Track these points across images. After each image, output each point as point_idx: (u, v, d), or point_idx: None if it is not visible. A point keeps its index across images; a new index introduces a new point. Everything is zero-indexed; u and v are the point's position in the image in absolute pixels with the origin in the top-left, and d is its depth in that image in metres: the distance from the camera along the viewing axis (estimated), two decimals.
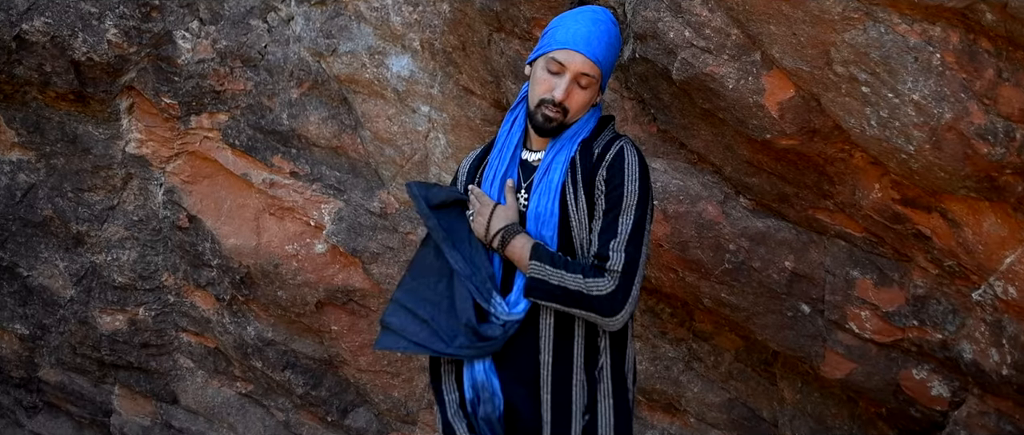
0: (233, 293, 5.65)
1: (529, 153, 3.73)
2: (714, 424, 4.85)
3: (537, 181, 3.63)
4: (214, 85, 5.42)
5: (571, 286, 3.43)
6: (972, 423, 4.14)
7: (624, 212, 3.51)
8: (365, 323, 5.47)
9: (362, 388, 5.58)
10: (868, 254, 4.14)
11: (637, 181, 3.55)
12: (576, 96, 3.59)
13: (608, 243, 3.47)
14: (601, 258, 3.46)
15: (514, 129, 3.76)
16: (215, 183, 5.64)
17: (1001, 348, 3.93)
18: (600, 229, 3.51)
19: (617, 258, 3.45)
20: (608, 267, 3.44)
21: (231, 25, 5.37)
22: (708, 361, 4.80)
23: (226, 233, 5.59)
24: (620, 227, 3.49)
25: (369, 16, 5.09)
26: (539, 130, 3.64)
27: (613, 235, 3.48)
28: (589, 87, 3.60)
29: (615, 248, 3.46)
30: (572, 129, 3.66)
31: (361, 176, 5.34)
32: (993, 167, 3.56)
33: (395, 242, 5.30)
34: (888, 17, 3.53)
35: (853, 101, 3.69)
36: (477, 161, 3.88)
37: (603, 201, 3.54)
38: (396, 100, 5.12)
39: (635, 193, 3.54)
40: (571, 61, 3.56)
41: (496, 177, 3.71)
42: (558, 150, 3.64)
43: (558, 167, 3.61)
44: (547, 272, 3.44)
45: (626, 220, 3.51)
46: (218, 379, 5.97)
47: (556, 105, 3.56)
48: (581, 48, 3.57)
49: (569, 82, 3.56)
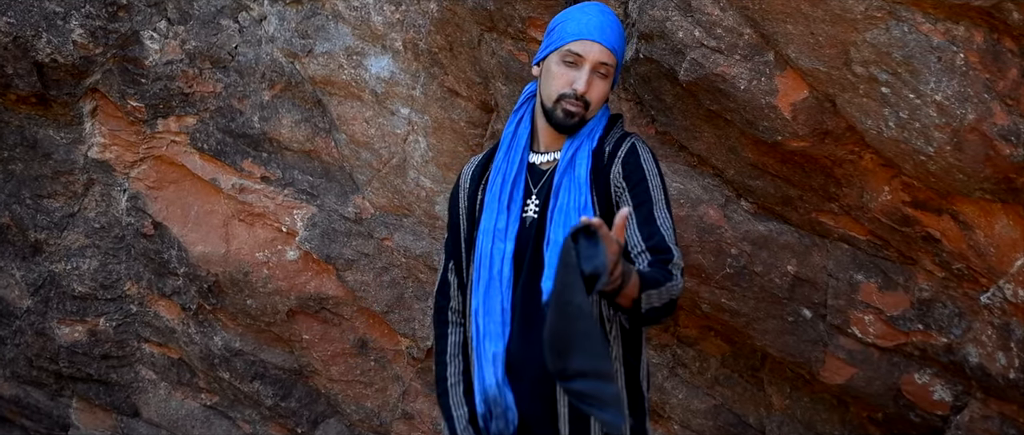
0: (200, 302, 5.46)
1: (537, 156, 3.64)
2: (699, 431, 4.77)
3: (561, 176, 3.51)
4: (182, 87, 5.23)
5: (667, 299, 3.32)
6: (974, 427, 4.09)
7: (656, 205, 3.46)
8: (337, 332, 5.33)
9: (333, 398, 5.43)
10: (872, 257, 4.07)
11: (657, 175, 3.52)
12: (596, 87, 3.52)
13: (660, 236, 3.39)
14: (660, 250, 3.36)
15: (520, 131, 3.66)
16: (182, 189, 5.45)
17: (1009, 351, 3.88)
18: (639, 222, 3.43)
19: (677, 253, 3.38)
20: (674, 262, 3.35)
21: (201, 25, 5.19)
22: (693, 367, 4.71)
23: (193, 240, 5.41)
24: (661, 221, 3.43)
25: (348, 16, 4.95)
26: (559, 127, 3.55)
27: (659, 229, 3.41)
28: (606, 77, 3.54)
29: (671, 242, 3.39)
30: (588, 125, 3.57)
31: (335, 181, 5.19)
32: (1013, 168, 3.52)
33: (370, 248, 5.16)
34: (912, 16, 3.47)
35: (871, 102, 3.62)
36: (480, 167, 3.78)
37: (629, 196, 3.46)
38: (374, 102, 4.98)
39: (660, 187, 3.50)
40: (589, 51, 3.49)
41: (505, 182, 3.60)
42: (578, 146, 3.53)
43: (583, 161, 3.52)
44: (653, 300, 3.28)
45: (661, 212, 3.46)
46: (182, 391, 5.77)
47: (577, 98, 3.48)
48: (597, 37, 3.50)
49: (589, 73, 3.49)
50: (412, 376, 5.28)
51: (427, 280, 5.10)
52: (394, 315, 5.16)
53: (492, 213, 3.58)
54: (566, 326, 2.95)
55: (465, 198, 3.76)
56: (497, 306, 3.51)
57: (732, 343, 4.60)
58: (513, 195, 3.58)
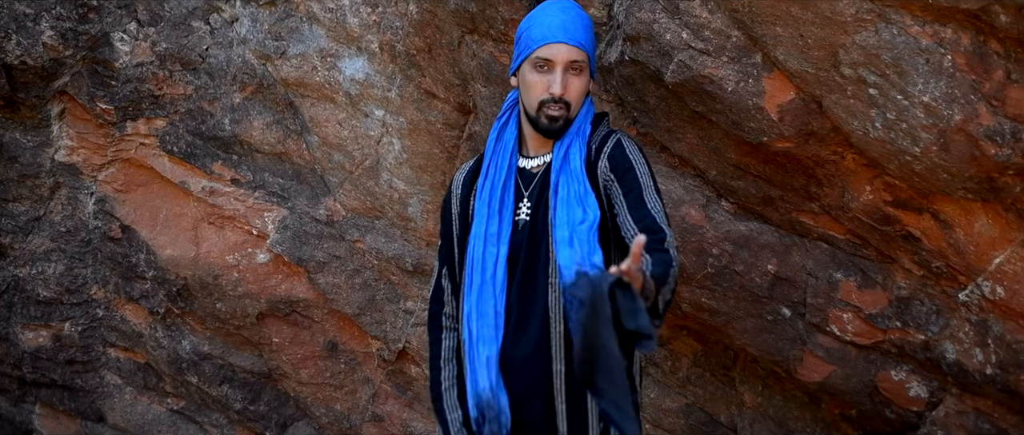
0: (168, 306, 5.40)
1: (526, 160, 3.64)
2: (671, 430, 4.79)
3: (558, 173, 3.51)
4: (152, 89, 5.16)
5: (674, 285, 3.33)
6: (949, 423, 4.15)
7: (646, 191, 3.47)
8: (307, 335, 5.29)
9: (302, 402, 5.38)
10: (851, 256, 4.11)
11: (644, 164, 3.53)
12: (573, 86, 3.53)
13: (653, 219, 3.39)
14: (655, 232, 3.35)
15: (506, 136, 3.68)
16: (150, 192, 5.38)
17: (986, 348, 3.94)
18: (629, 207, 3.44)
19: (669, 233, 3.38)
20: (668, 242, 3.35)
21: (171, 27, 5.12)
22: (664, 366, 4.73)
23: (162, 243, 5.34)
24: (651, 205, 3.44)
25: (323, 17, 4.91)
26: (546, 133, 3.56)
27: (649, 211, 3.41)
28: (581, 73, 3.54)
29: (662, 224, 3.39)
30: (575, 124, 3.59)
31: (306, 183, 5.15)
32: (997, 168, 3.57)
33: (342, 250, 5.13)
34: (901, 19, 3.51)
35: (858, 103, 3.66)
36: (471, 174, 3.78)
37: (618, 186, 3.48)
38: (347, 104, 4.95)
39: (648, 175, 3.51)
40: (558, 53, 3.50)
41: (495, 187, 3.61)
42: (570, 143, 3.56)
43: (576, 154, 3.54)
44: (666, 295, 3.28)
45: (652, 198, 3.46)
46: (148, 395, 5.69)
47: (557, 101, 3.49)
48: (562, 37, 3.51)
49: (562, 74, 3.50)
50: (382, 378, 5.25)
51: (399, 282, 5.08)
52: (366, 317, 5.13)
53: (483, 217, 3.58)
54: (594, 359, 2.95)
55: (457, 204, 3.75)
56: (490, 309, 3.50)
57: (704, 342, 4.62)
58: (504, 199, 3.57)
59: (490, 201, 3.58)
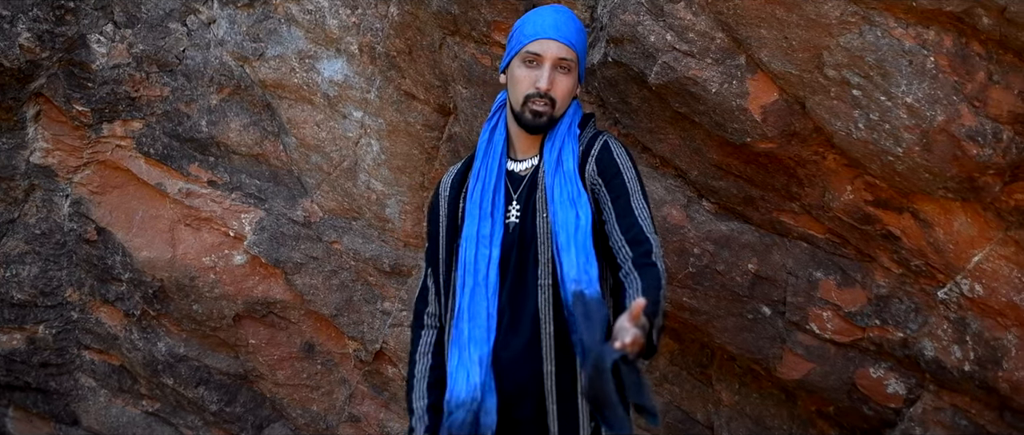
0: (144, 308, 5.36)
1: (515, 163, 3.65)
2: (648, 428, 4.78)
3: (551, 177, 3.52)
4: (129, 91, 5.12)
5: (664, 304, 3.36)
6: (927, 419, 4.19)
7: (633, 196, 3.49)
8: (284, 336, 5.26)
9: (278, 403, 5.36)
10: (831, 255, 4.15)
11: (631, 168, 3.55)
12: (560, 83, 3.54)
13: (638, 228, 3.42)
14: (639, 242, 3.40)
15: (495, 138, 3.68)
16: (126, 194, 5.34)
17: (964, 345, 3.99)
18: (617, 216, 3.46)
19: (655, 242, 3.41)
20: (654, 252, 3.38)
21: (148, 28, 5.09)
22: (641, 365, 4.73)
23: (138, 245, 5.30)
24: (639, 213, 3.46)
25: (301, 19, 4.89)
26: (529, 128, 3.57)
27: (636, 220, 3.44)
28: (570, 72, 3.56)
29: (649, 231, 3.42)
30: (563, 123, 3.60)
31: (283, 184, 5.12)
32: (978, 168, 3.62)
33: (319, 251, 5.11)
34: (884, 21, 3.56)
35: (841, 104, 3.70)
36: (459, 177, 3.77)
37: (606, 191, 3.50)
38: (326, 105, 4.93)
39: (635, 179, 3.53)
40: (547, 49, 3.53)
41: (486, 189, 3.61)
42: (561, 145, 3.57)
43: (569, 156, 3.54)
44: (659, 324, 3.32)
45: (639, 204, 3.49)
46: (123, 398, 5.64)
47: (542, 96, 3.51)
48: (553, 34, 3.54)
49: (550, 70, 3.52)
50: (359, 379, 5.24)
51: (376, 283, 5.07)
52: (343, 318, 5.12)
53: (475, 220, 3.58)
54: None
55: (445, 206, 3.74)
56: (483, 311, 3.50)
57: (680, 341, 4.64)
58: (495, 201, 3.58)
59: (481, 203, 3.58)
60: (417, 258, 4.97)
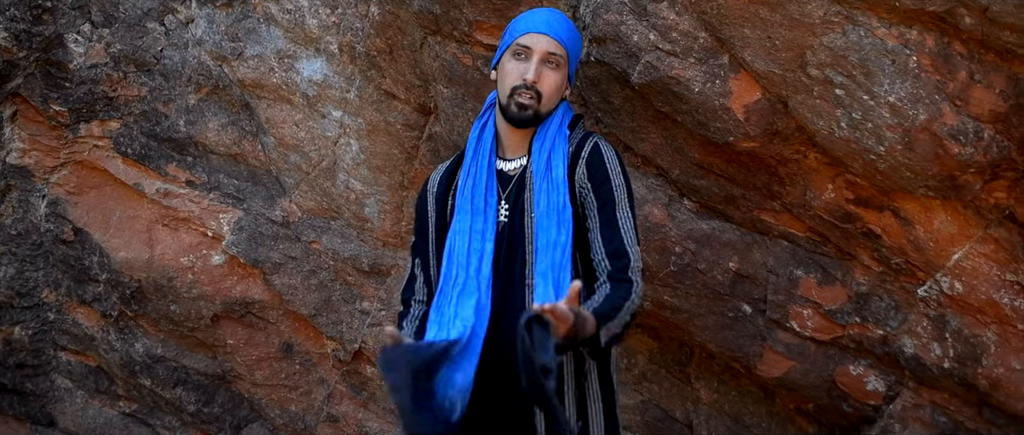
0: (121, 308, 5.31)
1: (503, 162, 3.64)
2: (627, 426, 4.79)
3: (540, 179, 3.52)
4: (107, 91, 5.08)
5: (628, 318, 3.39)
6: (906, 416, 4.21)
7: (619, 206, 3.50)
8: (262, 336, 5.24)
9: (256, 403, 5.32)
10: (811, 253, 4.16)
11: (620, 175, 3.56)
12: (547, 78, 3.56)
13: (620, 240, 3.45)
14: (619, 256, 3.42)
15: (485, 136, 3.69)
16: (103, 194, 5.30)
17: (944, 342, 4.01)
18: (601, 225, 3.49)
19: (635, 255, 3.45)
20: (632, 267, 3.42)
21: (126, 28, 5.06)
22: (620, 364, 4.74)
23: (116, 246, 5.26)
24: (622, 223, 3.48)
25: (281, 18, 4.87)
26: (515, 120, 3.57)
27: (619, 231, 3.47)
28: (558, 69, 3.58)
29: (630, 244, 3.45)
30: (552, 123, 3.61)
31: (262, 184, 5.10)
32: (959, 166, 3.64)
33: (298, 251, 5.08)
34: (868, 21, 3.59)
35: (824, 103, 3.72)
36: (448, 174, 3.78)
37: (593, 198, 3.51)
38: (305, 105, 4.91)
39: (623, 186, 3.54)
40: (537, 42, 3.55)
41: (477, 186, 3.62)
42: (552, 148, 3.56)
43: (559, 162, 3.55)
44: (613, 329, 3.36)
45: (623, 214, 3.50)
46: (99, 399, 5.59)
47: (528, 88, 3.52)
48: (544, 29, 3.57)
49: (538, 63, 3.53)
50: (337, 379, 5.22)
51: (355, 283, 5.05)
52: (322, 318, 5.09)
53: (467, 214, 3.58)
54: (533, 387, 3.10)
55: (433, 202, 3.75)
56: (473, 303, 3.49)
57: (659, 339, 4.65)
58: (487, 199, 3.58)
59: (473, 199, 3.59)
60: (396, 258, 4.96)
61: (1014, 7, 3.38)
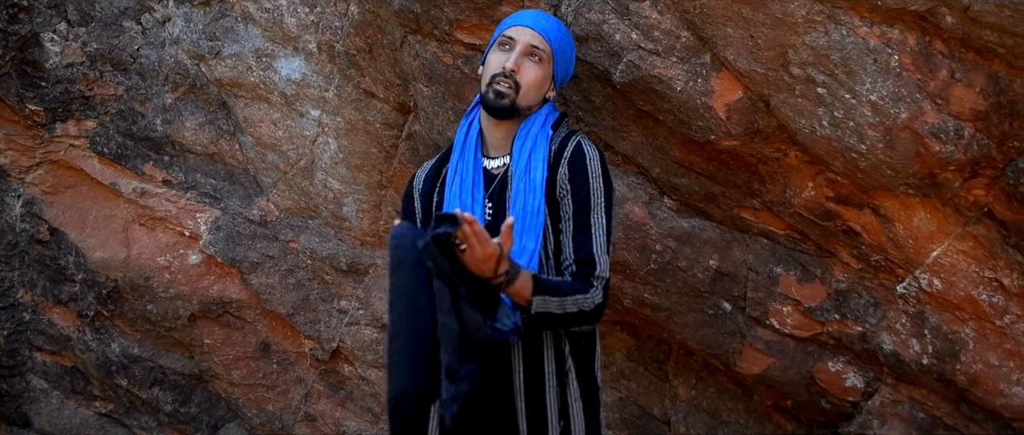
0: (97, 308, 5.28)
1: (488, 161, 3.62)
2: (605, 424, 4.77)
3: (519, 179, 3.50)
4: (83, 90, 5.05)
5: (573, 309, 3.35)
6: (884, 412, 4.22)
7: (594, 211, 3.47)
8: (239, 335, 5.21)
9: (234, 403, 5.30)
10: (791, 251, 4.17)
11: (601, 177, 3.52)
12: (528, 69, 3.55)
13: (590, 247, 3.42)
14: (586, 263, 3.41)
15: (471, 135, 3.65)
16: (79, 194, 5.26)
17: (922, 338, 4.03)
18: (574, 230, 3.47)
19: (603, 264, 3.42)
20: (597, 274, 3.40)
21: (102, 27, 5.02)
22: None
23: (92, 246, 5.22)
24: (595, 230, 3.45)
25: (259, 17, 4.84)
26: (491, 109, 3.55)
27: (590, 238, 3.44)
28: (541, 63, 3.58)
29: (599, 253, 3.42)
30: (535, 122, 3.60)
31: (239, 183, 5.07)
32: (940, 164, 3.66)
33: (275, 250, 5.06)
34: (850, 20, 3.59)
35: (806, 102, 3.72)
36: (434, 171, 3.75)
37: (570, 201, 3.49)
38: (283, 104, 4.89)
39: (601, 191, 3.50)
40: (521, 34, 3.57)
41: (464, 183, 3.59)
42: (532, 147, 3.55)
43: (539, 165, 3.52)
44: (551, 305, 3.33)
45: (598, 220, 3.46)
46: (75, 399, 5.55)
47: (507, 77, 3.51)
48: (529, 23, 3.59)
49: (519, 54, 3.53)
50: (315, 378, 5.19)
51: (333, 282, 5.03)
52: (299, 317, 5.07)
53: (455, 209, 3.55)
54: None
55: (418, 199, 3.73)
56: None
57: (637, 337, 4.65)
58: (474, 195, 3.56)
59: (461, 195, 3.57)
60: (375, 257, 4.94)
61: (995, 6, 3.40)
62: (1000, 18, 3.40)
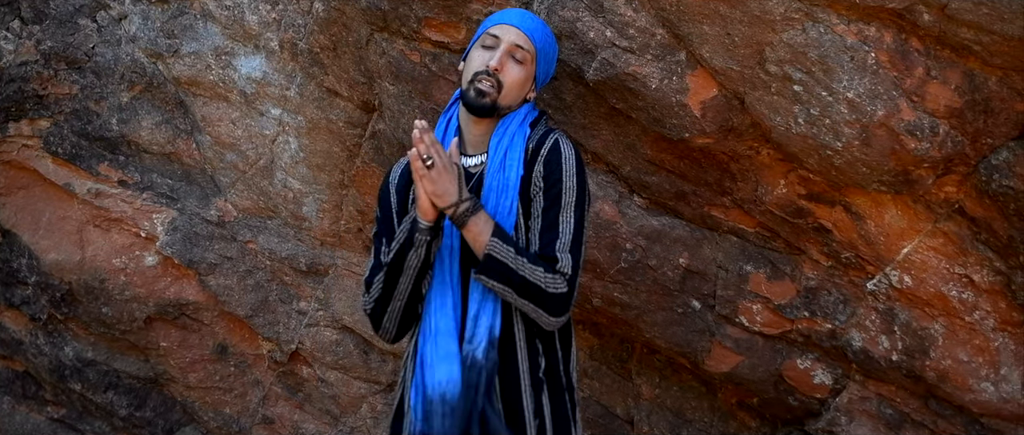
0: (51, 312, 5.16)
1: (466, 158, 3.56)
2: None
3: (493, 177, 3.44)
4: (37, 89, 4.94)
5: (530, 277, 3.26)
6: (853, 409, 4.22)
7: (564, 210, 3.39)
8: (196, 338, 5.12)
9: (190, 406, 5.20)
10: (760, 249, 4.15)
11: (575, 176, 3.44)
12: (510, 69, 3.49)
13: (553, 244, 3.34)
14: (548, 259, 3.32)
15: (449, 133, 3.58)
16: (32, 194, 5.15)
17: (892, 335, 4.03)
18: (541, 228, 3.39)
19: (566, 261, 3.32)
20: (558, 268, 3.30)
21: (57, 25, 4.91)
22: None
23: (45, 248, 5.11)
24: (562, 227, 3.37)
25: (218, 15, 4.76)
26: (472, 107, 3.48)
27: (556, 236, 3.36)
28: (523, 64, 3.51)
29: (561, 250, 3.34)
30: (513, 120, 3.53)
31: (196, 183, 4.98)
32: (914, 161, 3.65)
33: (234, 251, 4.98)
34: (828, 17, 3.58)
35: (782, 100, 3.70)
36: (408, 167, 3.65)
37: (542, 198, 3.42)
38: (242, 103, 4.81)
39: (573, 189, 3.42)
40: (506, 33, 3.50)
41: None
42: (508, 146, 3.49)
43: (514, 164, 3.45)
44: (508, 256, 3.25)
45: (567, 219, 3.39)
46: (27, 405, 5.42)
47: (490, 76, 3.44)
48: (514, 22, 3.53)
49: (503, 53, 3.46)
50: (273, 380, 5.11)
51: (292, 283, 4.95)
52: (258, 319, 4.98)
53: None
54: None
55: (394, 193, 3.65)
56: (450, 301, 3.41)
57: (600, 336, 4.62)
58: None
59: None
60: (334, 257, 4.88)
61: (973, 4, 3.39)
62: (977, 16, 3.40)
